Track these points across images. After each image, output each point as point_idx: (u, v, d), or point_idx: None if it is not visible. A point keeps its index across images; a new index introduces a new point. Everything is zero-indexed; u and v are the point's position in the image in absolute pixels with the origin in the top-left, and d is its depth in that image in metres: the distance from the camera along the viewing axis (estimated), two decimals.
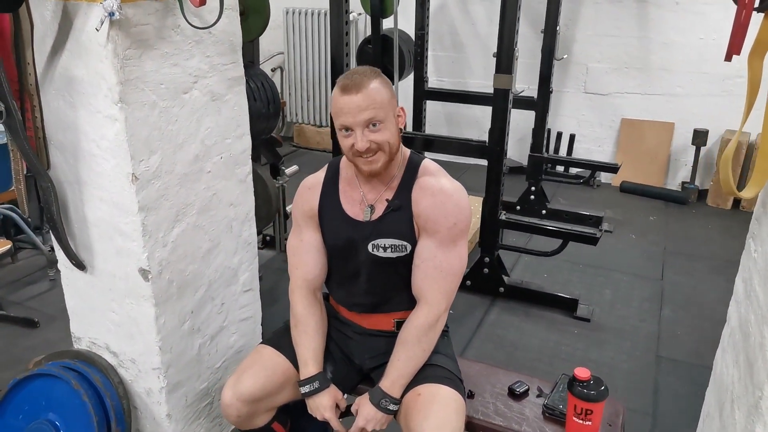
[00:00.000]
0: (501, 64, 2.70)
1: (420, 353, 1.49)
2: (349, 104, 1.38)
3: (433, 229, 1.47)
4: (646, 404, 2.32)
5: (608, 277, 3.28)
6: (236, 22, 1.73)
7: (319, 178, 1.60)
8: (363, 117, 1.39)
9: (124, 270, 1.63)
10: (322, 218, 1.57)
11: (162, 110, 1.53)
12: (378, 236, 1.50)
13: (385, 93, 1.43)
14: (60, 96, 1.53)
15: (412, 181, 1.51)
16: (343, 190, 1.56)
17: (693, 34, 4.15)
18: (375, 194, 1.53)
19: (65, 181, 1.64)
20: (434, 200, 1.47)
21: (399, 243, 1.50)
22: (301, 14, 5.13)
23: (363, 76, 1.41)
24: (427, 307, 1.49)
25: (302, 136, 5.58)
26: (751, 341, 1.25)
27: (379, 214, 1.51)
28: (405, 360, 1.47)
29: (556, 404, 1.60)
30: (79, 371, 1.76)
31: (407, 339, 1.48)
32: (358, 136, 1.40)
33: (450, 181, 1.51)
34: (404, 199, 1.49)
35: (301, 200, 1.60)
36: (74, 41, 1.44)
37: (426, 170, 1.53)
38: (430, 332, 1.49)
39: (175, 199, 1.63)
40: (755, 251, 1.35)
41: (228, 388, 1.52)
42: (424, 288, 1.49)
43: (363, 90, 1.38)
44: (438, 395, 1.45)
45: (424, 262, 1.48)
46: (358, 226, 1.52)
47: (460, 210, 1.47)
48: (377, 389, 1.48)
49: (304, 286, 1.59)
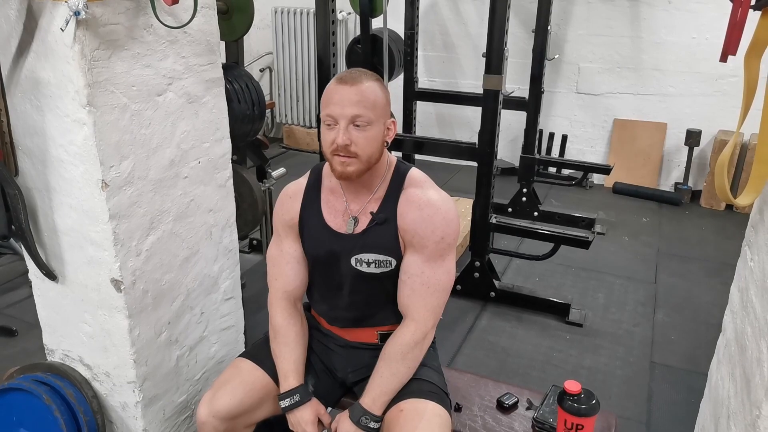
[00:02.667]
0: (491, 65, 2.65)
1: (404, 370, 1.43)
2: (340, 94, 1.34)
3: (420, 244, 1.40)
4: (639, 412, 2.27)
5: (601, 281, 3.24)
6: (213, 21, 1.67)
7: (301, 185, 1.54)
8: (350, 111, 1.33)
9: (96, 280, 1.56)
10: (302, 228, 1.51)
11: (134, 113, 1.47)
12: (361, 250, 1.44)
13: (380, 96, 1.37)
14: (27, 99, 1.46)
15: (398, 192, 1.44)
16: (326, 199, 1.50)
17: (685, 33, 4.11)
18: (359, 205, 1.46)
19: (34, 188, 1.57)
20: (421, 214, 1.40)
21: (383, 258, 1.43)
22: (290, 14, 5.06)
23: (362, 74, 1.37)
24: (414, 324, 1.43)
25: (292, 138, 5.51)
26: (748, 355, 1.19)
27: (363, 227, 1.44)
28: (388, 377, 1.41)
29: (546, 418, 1.54)
30: (51, 385, 1.69)
31: (391, 355, 1.42)
32: (341, 130, 1.33)
33: (437, 192, 1.44)
34: (389, 212, 1.43)
35: (282, 209, 1.54)
36: (40, 42, 1.37)
37: (412, 181, 1.46)
38: (416, 349, 1.43)
39: (149, 206, 1.56)
40: (751, 260, 1.29)
41: (203, 404, 1.45)
42: (410, 305, 1.43)
43: (358, 85, 1.34)
44: (422, 411, 1.38)
45: (411, 278, 1.42)
46: (341, 239, 1.46)
47: (448, 223, 1.41)
48: (357, 406, 1.42)
49: (284, 297, 1.54)
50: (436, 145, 3.07)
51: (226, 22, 2.56)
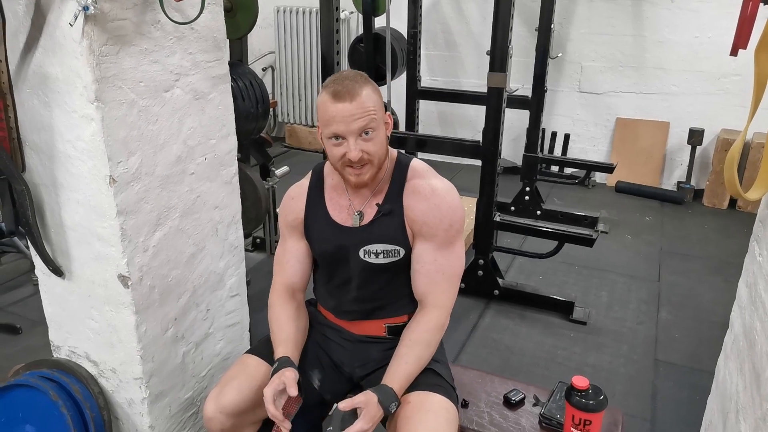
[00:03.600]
0: (495, 63, 2.65)
1: (427, 356, 1.45)
2: (342, 112, 1.32)
3: (430, 233, 1.43)
4: (644, 409, 2.27)
5: (604, 279, 3.23)
6: (220, 17, 1.67)
7: (304, 186, 1.57)
8: (357, 125, 1.33)
9: (103, 276, 1.56)
10: (308, 227, 1.53)
11: (141, 109, 1.47)
12: (369, 242, 1.46)
13: (377, 99, 1.38)
14: (34, 95, 1.46)
15: (402, 184, 1.47)
16: (330, 197, 1.52)
17: (688, 32, 4.11)
18: (362, 199, 1.48)
19: (41, 184, 1.57)
20: (428, 204, 1.43)
21: (391, 248, 1.45)
22: (292, 13, 5.06)
23: (354, 83, 1.34)
24: (437, 311, 1.45)
25: (294, 137, 5.51)
26: (758, 349, 1.19)
27: (368, 220, 1.46)
28: (414, 362, 1.41)
29: (553, 414, 1.54)
30: (57, 381, 1.69)
31: (418, 340, 1.43)
32: (351, 146, 1.34)
33: (440, 181, 1.48)
34: (395, 203, 1.45)
35: (286, 210, 1.58)
36: (48, 37, 1.37)
37: (415, 172, 1.48)
38: (438, 334, 1.47)
39: (156, 202, 1.56)
40: (760, 255, 1.29)
41: (210, 400, 1.45)
42: (429, 292, 1.46)
43: (357, 98, 1.33)
44: (429, 403, 1.38)
45: (425, 266, 1.45)
46: (348, 233, 1.47)
47: (454, 210, 1.44)
48: (388, 391, 1.35)
49: (283, 290, 1.58)
50: (439, 143, 3.07)
51: (230, 20, 2.57)
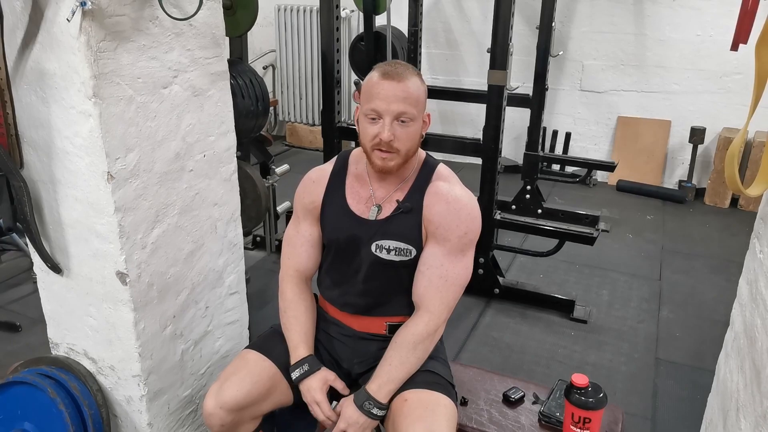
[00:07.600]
0: (495, 60, 2.64)
1: (413, 360, 1.43)
2: (387, 90, 1.34)
3: (444, 236, 1.42)
4: (645, 408, 2.26)
5: (605, 278, 3.23)
6: (219, 14, 1.66)
7: (326, 171, 1.55)
8: (396, 108, 1.34)
9: (101, 273, 1.55)
10: (324, 212, 1.52)
11: (139, 106, 1.46)
12: (383, 237, 1.45)
13: (423, 93, 1.40)
14: (32, 91, 1.46)
15: (426, 184, 1.46)
16: (350, 185, 1.51)
17: (689, 30, 4.10)
18: (384, 193, 1.48)
19: (39, 181, 1.56)
20: (448, 207, 1.42)
21: (404, 246, 1.44)
22: (293, 11, 5.06)
23: (406, 69, 1.38)
24: (428, 316, 1.43)
25: (294, 135, 5.51)
26: (758, 347, 1.19)
27: (386, 215, 1.46)
28: (397, 365, 1.41)
29: (553, 411, 1.54)
30: (56, 379, 1.68)
31: (402, 343, 1.42)
32: (386, 125, 1.35)
33: (463, 190, 1.47)
34: (415, 202, 1.44)
35: (304, 192, 1.56)
36: (46, 33, 1.37)
37: (440, 175, 1.48)
38: (427, 341, 1.43)
39: (154, 198, 1.55)
40: (761, 252, 1.28)
41: (210, 396, 1.44)
42: (426, 296, 1.44)
43: (405, 81, 1.35)
44: (427, 401, 1.38)
45: (430, 269, 1.43)
46: (363, 224, 1.47)
47: (472, 220, 1.43)
48: (362, 391, 1.41)
49: (295, 275, 1.57)
50: (440, 140, 3.06)
51: (230, 17, 2.56)
